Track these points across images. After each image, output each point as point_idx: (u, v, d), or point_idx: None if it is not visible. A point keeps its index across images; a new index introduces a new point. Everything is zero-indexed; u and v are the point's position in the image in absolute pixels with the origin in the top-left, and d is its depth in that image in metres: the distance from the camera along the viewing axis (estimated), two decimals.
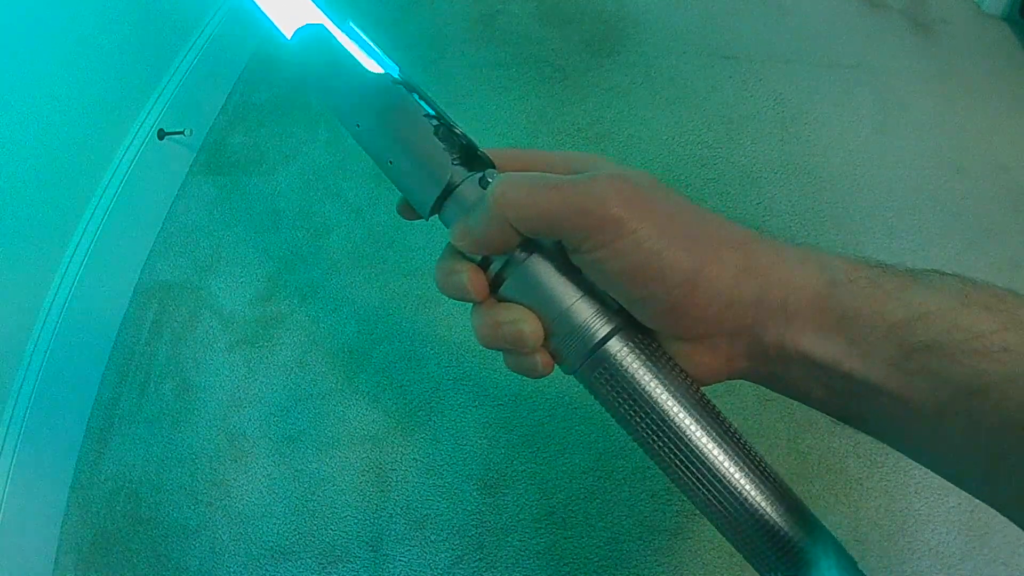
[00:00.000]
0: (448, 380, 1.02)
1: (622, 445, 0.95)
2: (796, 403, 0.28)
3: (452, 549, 0.90)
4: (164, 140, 1.17)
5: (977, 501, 0.25)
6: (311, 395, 1.03)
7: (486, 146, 0.33)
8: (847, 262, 0.25)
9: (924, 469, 0.27)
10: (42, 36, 0.93)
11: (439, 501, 0.93)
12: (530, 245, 0.28)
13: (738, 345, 0.26)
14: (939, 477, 0.26)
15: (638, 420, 0.27)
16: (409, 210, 0.33)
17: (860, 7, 1.39)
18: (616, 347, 0.26)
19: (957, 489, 0.25)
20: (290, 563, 0.92)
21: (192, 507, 0.97)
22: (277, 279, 1.14)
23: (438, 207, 0.31)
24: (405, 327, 1.07)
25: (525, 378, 0.29)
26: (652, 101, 1.28)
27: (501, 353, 0.30)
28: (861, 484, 0.89)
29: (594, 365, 0.27)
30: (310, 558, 0.92)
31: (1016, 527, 0.23)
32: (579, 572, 0.88)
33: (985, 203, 1.12)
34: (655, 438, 0.26)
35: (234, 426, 1.02)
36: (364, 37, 0.37)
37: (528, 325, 0.27)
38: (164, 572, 0.93)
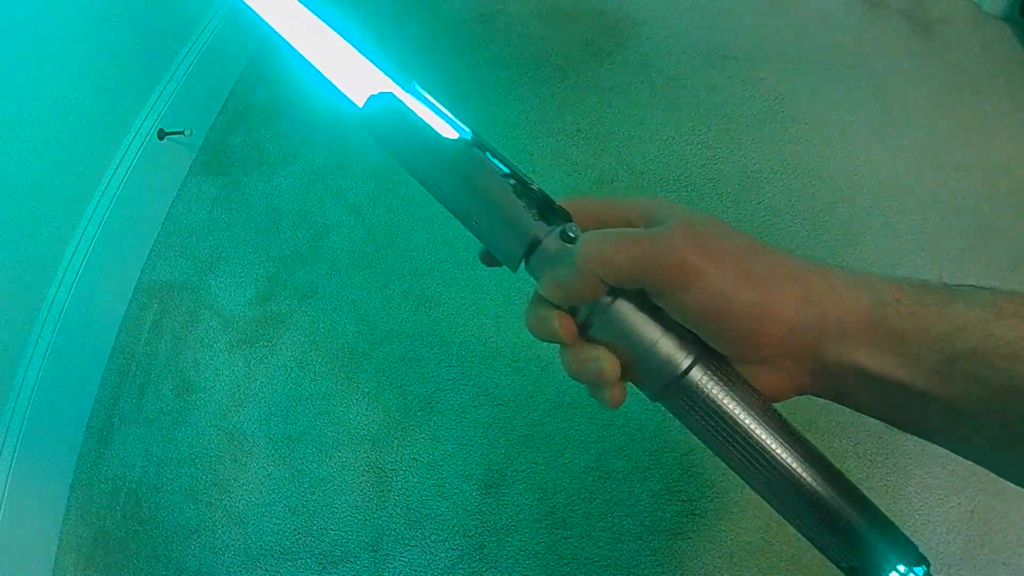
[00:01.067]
0: (448, 380, 1.02)
1: (622, 445, 0.95)
2: (797, 406, 0.31)
3: (452, 549, 0.90)
4: (164, 140, 1.17)
5: (977, 501, 0.28)
6: (311, 395, 1.03)
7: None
8: (891, 284, 0.29)
9: (924, 469, 0.30)
10: (42, 36, 0.93)
11: (439, 501, 0.93)
12: (613, 291, 0.31)
13: (802, 364, 0.29)
14: (939, 477, 0.30)
15: (720, 437, 0.30)
16: (490, 258, 0.37)
17: (860, 7, 1.39)
18: (697, 375, 0.30)
19: (957, 489, 0.28)
20: (290, 563, 0.92)
21: (192, 507, 0.97)
22: (277, 279, 1.14)
23: (524, 261, 0.34)
24: (405, 327, 1.07)
25: (525, 378, 0.31)
26: (652, 101, 1.28)
27: (501, 353, 0.32)
28: (861, 484, 0.88)
29: (678, 392, 0.30)
30: (310, 558, 0.92)
31: (1015, 528, 0.24)
32: (579, 572, 0.88)
33: (985, 203, 1.12)
34: (736, 451, 0.30)
35: (234, 426, 1.02)
36: (430, 98, 0.39)
37: (607, 363, 0.31)
38: (164, 572, 0.93)
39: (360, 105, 0.40)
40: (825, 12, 1.39)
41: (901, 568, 0.27)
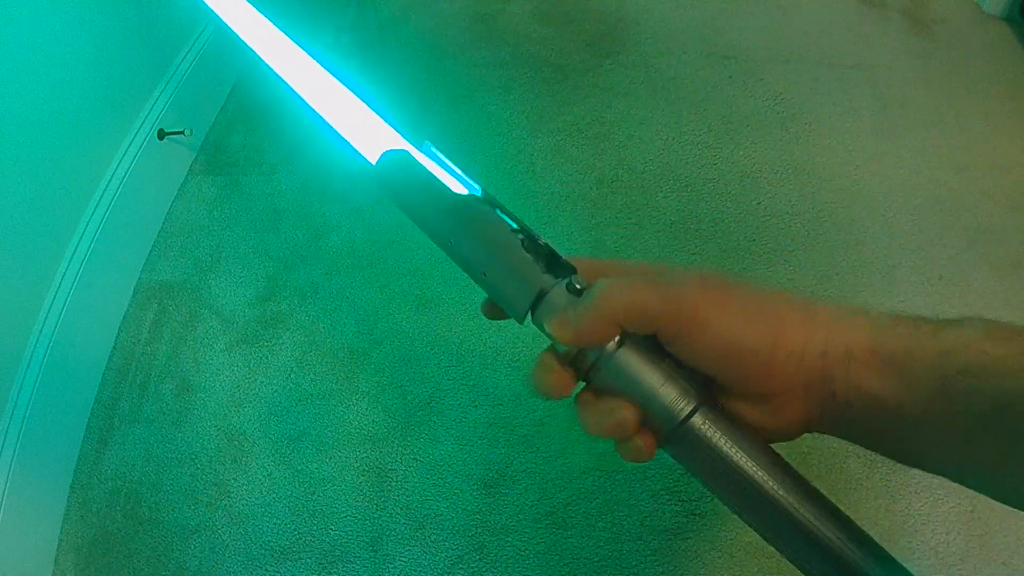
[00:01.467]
0: (448, 380, 1.02)
1: None
2: None
3: (452, 549, 0.90)
4: (164, 140, 1.17)
5: (977, 501, 0.30)
6: (311, 395, 1.03)
7: (486, 147, 0.34)
8: (887, 315, 0.31)
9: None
10: (42, 36, 0.93)
11: (439, 501, 0.93)
12: (620, 338, 0.32)
13: (811, 394, 0.31)
14: (939, 477, 0.30)
15: (720, 482, 0.31)
16: (493, 310, 0.38)
17: (860, 7, 1.39)
18: (698, 422, 0.31)
19: (957, 489, 0.29)
20: (290, 563, 0.92)
21: (192, 507, 0.97)
22: (277, 279, 1.14)
23: (531, 312, 0.35)
24: (405, 327, 1.07)
25: (525, 378, 0.31)
26: (652, 101, 1.28)
27: (501, 353, 0.33)
28: (861, 484, 0.89)
29: (680, 438, 0.31)
30: (310, 558, 0.92)
31: (1014, 528, 0.24)
32: (579, 572, 0.88)
33: (985, 203, 1.12)
34: (736, 495, 0.31)
35: (234, 426, 1.02)
36: (442, 157, 0.40)
37: (625, 411, 0.32)
38: (164, 572, 0.93)
39: (373, 161, 0.42)
40: (825, 12, 1.39)
41: None
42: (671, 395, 0.31)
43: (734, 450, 0.30)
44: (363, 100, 0.46)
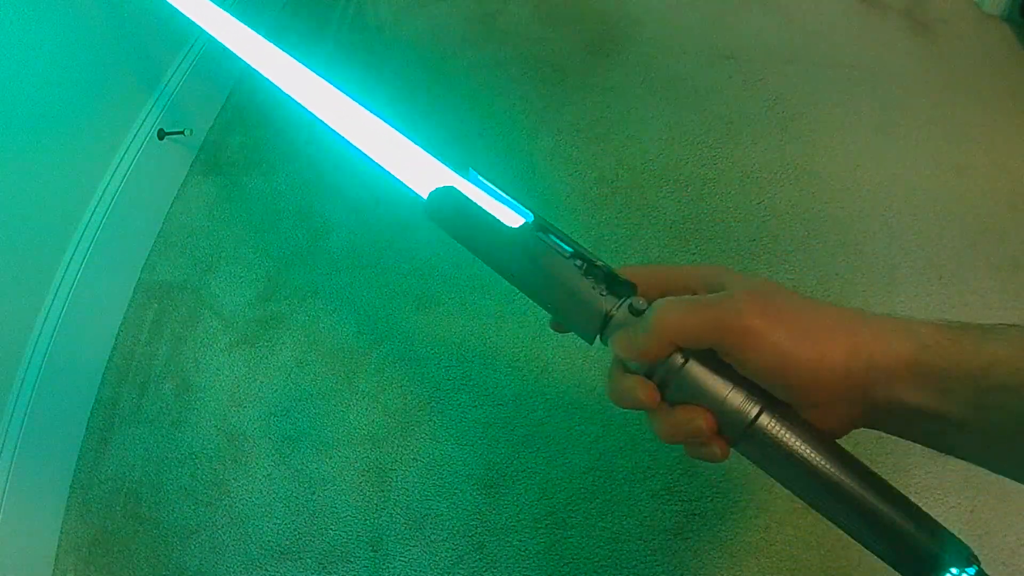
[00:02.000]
0: (448, 380, 1.02)
1: (622, 445, 0.95)
2: None
3: (452, 549, 0.90)
4: (164, 140, 1.17)
5: (977, 501, 0.31)
6: (311, 395, 1.03)
7: (487, 147, 0.34)
8: (930, 327, 0.32)
9: (924, 469, 0.33)
10: (42, 36, 0.93)
11: (439, 501, 0.93)
12: (684, 353, 0.35)
13: (855, 405, 0.33)
14: (939, 477, 0.33)
15: (791, 473, 0.34)
16: (561, 326, 0.41)
17: (860, 7, 1.39)
18: (765, 421, 0.34)
19: (957, 489, 0.31)
20: (290, 563, 0.92)
21: (192, 507, 0.97)
22: (277, 279, 1.14)
23: (599, 336, 0.38)
24: (405, 327, 1.07)
25: (525, 378, 0.32)
26: (652, 101, 1.28)
27: (501, 353, 0.34)
28: None
29: (750, 437, 0.34)
30: (310, 558, 0.92)
31: (1015, 528, 0.25)
32: (579, 572, 0.88)
33: (985, 203, 1.12)
34: (807, 485, 0.34)
35: (234, 426, 1.02)
36: (487, 183, 0.42)
37: (703, 421, 0.35)
38: (164, 572, 0.93)
39: (424, 197, 0.43)
40: (825, 12, 1.39)
41: (954, 571, 0.31)
42: (738, 400, 0.34)
43: (799, 444, 0.33)
44: (402, 133, 0.47)
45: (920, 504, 0.34)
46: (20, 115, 0.91)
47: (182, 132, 1.19)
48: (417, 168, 0.47)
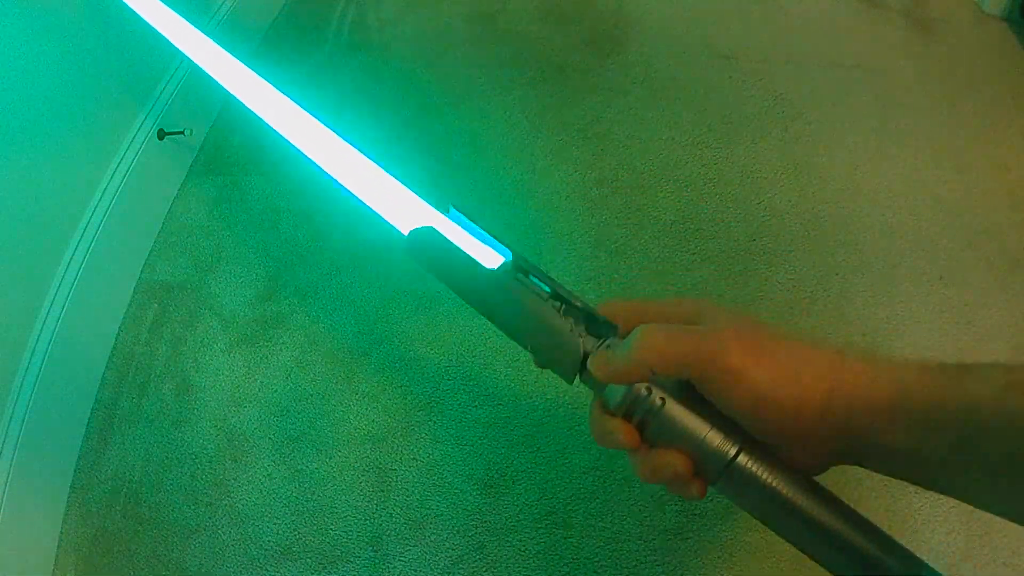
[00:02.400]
0: (448, 380, 1.02)
1: None
2: None
3: (452, 549, 0.90)
4: (164, 140, 1.17)
5: None
6: (311, 395, 1.03)
7: (486, 146, 0.35)
8: (911, 369, 0.32)
9: None
10: (42, 36, 0.93)
11: (439, 501, 0.93)
12: (660, 387, 0.35)
13: (834, 443, 0.33)
14: None
15: (768, 512, 0.34)
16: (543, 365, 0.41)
17: (860, 7, 1.39)
18: (743, 461, 0.34)
19: None
20: (290, 563, 0.92)
21: (192, 507, 0.97)
22: (277, 279, 1.14)
23: (579, 375, 0.39)
24: (405, 327, 1.07)
25: (525, 378, 0.32)
26: (652, 101, 1.28)
27: (501, 353, 0.34)
28: (861, 484, 0.89)
29: (728, 477, 0.34)
30: (310, 558, 0.92)
31: (1015, 528, 0.25)
32: (579, 572, 0.88)
33: (985, 203, 1.12)
34: (783, 523, 0.34)
35: (234, 426, 1.02)
36: (468, 220, 0.43)
37: (680, 464, 0.35)
38: (164, 572, 0.93)
39: (405, 233, 0.45)
40: (825, 12, 1.39)
41: None
42: (716, 441, 0.34)
43: (776, 483, 0.34)
44: (385, 169, 0.48)
45: (920, 504, 0.34)
46: (20, 115, 0.91)
47: (182, 132, 1.19)
48: (398, 205, 0.48)
